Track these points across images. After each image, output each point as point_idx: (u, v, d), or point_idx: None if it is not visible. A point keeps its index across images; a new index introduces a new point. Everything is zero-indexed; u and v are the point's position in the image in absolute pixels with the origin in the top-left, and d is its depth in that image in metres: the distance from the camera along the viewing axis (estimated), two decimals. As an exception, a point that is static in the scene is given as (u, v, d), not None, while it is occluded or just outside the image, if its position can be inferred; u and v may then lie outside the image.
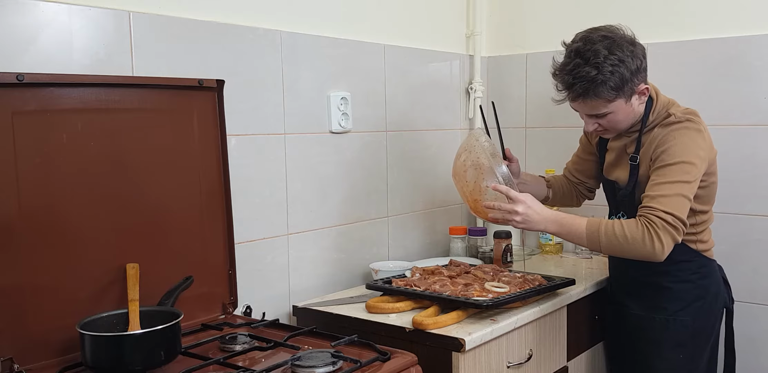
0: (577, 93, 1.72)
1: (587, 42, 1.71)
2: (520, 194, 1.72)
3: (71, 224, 1.39)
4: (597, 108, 1.75)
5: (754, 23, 2.16)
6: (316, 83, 1.99)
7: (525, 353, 1.79)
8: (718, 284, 1.90)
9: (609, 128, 1.82)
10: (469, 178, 1.83)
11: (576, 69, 1.70)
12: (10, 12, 1.35)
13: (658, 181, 1.69)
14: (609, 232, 1.65)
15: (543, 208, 1.73)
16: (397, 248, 2.33)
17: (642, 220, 1.64)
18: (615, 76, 1.68)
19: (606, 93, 1.70)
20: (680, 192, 1.65)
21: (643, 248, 1.62)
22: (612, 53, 1.68)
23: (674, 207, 1.63)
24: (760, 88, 2.16)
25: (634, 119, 1.81)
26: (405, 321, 1.66)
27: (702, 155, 1.71)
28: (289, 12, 1.91)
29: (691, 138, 1.71)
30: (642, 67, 1.74)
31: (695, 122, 1.74)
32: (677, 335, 1.84)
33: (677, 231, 1.63)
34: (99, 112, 1.43)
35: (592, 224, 1.68)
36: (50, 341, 1.37)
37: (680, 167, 1.68)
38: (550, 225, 1.72)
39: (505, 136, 1.97)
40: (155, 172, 1.53)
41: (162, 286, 1.49)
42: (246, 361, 1.41)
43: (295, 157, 1.94)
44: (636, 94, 1.75)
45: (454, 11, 2.59)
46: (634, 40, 1.75)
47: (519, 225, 1.72)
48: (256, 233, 1.84)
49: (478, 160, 1.81)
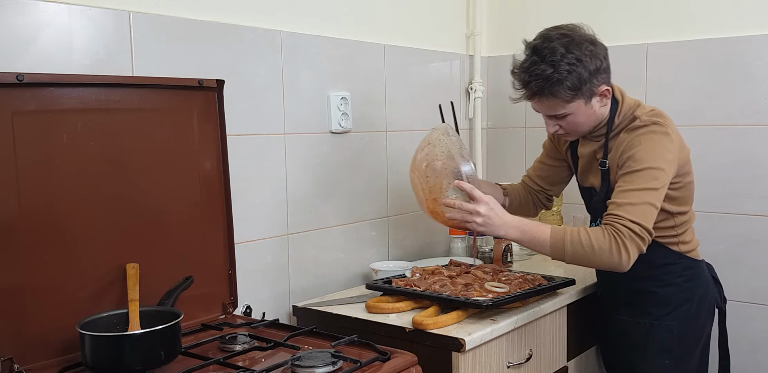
0: (532, 91, 1.69)
1: (545, 40, 1.68)
2: (484, 195, 1.64)
3: (71, 224, 1.39)
4: (555, 108, 1.70)
5: (754, 23, 2.16)
6: (316, 83, 1.99)
7: (525, 353, 1.79)
8: (707, 284, 1.87)
9: (570, 131, 1.77)
10: (430, 173, 1.71)
11: (532, 67, 1.66)
12: (10, 12, 1.35)
13: (625, 187, 1.63)
14: (575, 241, 1.58)
15: (505, 213, 1.66)
16: (397, 248, 2.33)
17: (609, 229, 1.57)
18: (572, 75, 1.63)
19: (563, 93, 1.65)
20: (647, 200, 1.60)
21: (610, 258, 1.56)
22: (569, 52, 1.64)
23: (641, 216, 1.58)
24: (760, 88, 2.16)
25: (597, 122, 1.76)
26: (405, 321, 1.66)
27: (670, 159, 1.66)
28: (289, 12, 1.92)
29: (658, 142, 1.66)
30: (602, 68, 1.69)
31: (661, 125, 1.68)
32: (663, 341, 1.82)
33: (643, 241, 1.58)
34: (99, 112, 1.43)
35: (556, 232, 1.61)
36: (50, 341, 1.37)
37: (647, 173, 1.62)
38: (511, 231, 1.63)
39: (505, 135, 1.97)
40: (155, 172, 1.53)
41: (162, 286, 1.49)
42: (246, 361, 1.41)
43: (295, 157, 1.94)
44: (596, 96, 1.70)
45: (454, 11, 2.59)
46: (594, 40, 1.70)
47: (478, 228, 1.63)
48: (256, 233, 1.84)
49: (442, 155, 1.70)
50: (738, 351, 2.23)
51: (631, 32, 2.36)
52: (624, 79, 2.35)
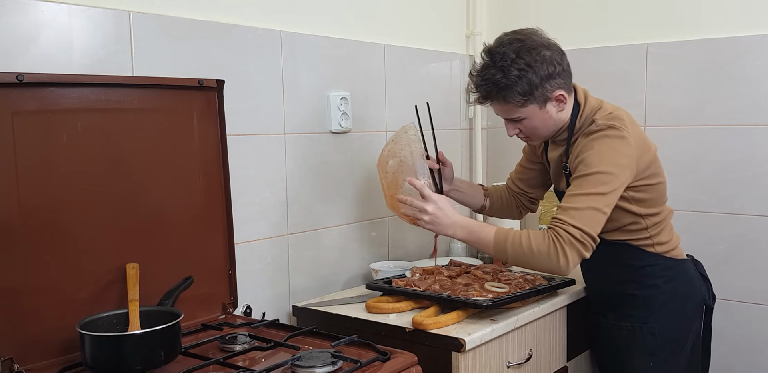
0: (482, 95, 1.70)
1: (499, 44, 1.68)
2: (434, 194, 1.68)
3: (71, 224, 1.39)
4: (509, 112, 1.72)
5: (754, 23, 2.16)
6: (316, 83, 1.99)
7: (525, 353, 1.79)
8: (690, 284, 1.85)
9: (529, 134, 1.77)
10: (389, 169, 1.79)
11: (483, 71, 1.68)
12: (10, 12, 1.35)
13: (573, 192, 1.62)
14: (516, 243, 1.59)
15: (455, 212, 1.68)
16: (397, 248, 2.33)
17: (550, 233, 1.57)
18: (522, 81, 1.63)
19: (513, 97, 1.66)
20: (593, 205, 1.58)
21: (548, 261, 1.57)
22: (520, 57, 1.64)
23: (584, 221, 1.56)
24: (760, 88, 2.16)
25: (556, 127, 1.75)
26: (405, 321, 1.66)
27: (624, 163, 1.63)
28: (289, 12, 1.91)
29: (611, 146, 1.64)
30: (555, 73, 1.67)
31: (617, 129, 1.65)
32: (646, 343, 1.80)
33: (584, 246, 1.57)
34: (99, 112, 1.43)
35: (500, 233, 1.62)
36: (50, 341, 1.37)
37: (596, 178, 1.60)
38: (458, 230, 1.65)
39: (505, 136, 1.97)
40: (155, 173, 1.53)
41: (162, 286, 1.49)
42: (246, 361, 1.41)
43: (295, 157, 1.94)
44: (552, 101, 1.69)
45: (454, 11, 2.59)
46: (550, 45, 1.69)
47: (426, 225, 1.67)
48: (256, 233, 1.84)
49: (401, 153, 1.77)
50: (737, 351, 2.23)
51: (631, 32, 2.36)
52: (624, 79, 2.37)
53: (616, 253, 1.81)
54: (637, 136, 1.70)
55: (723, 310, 2.17)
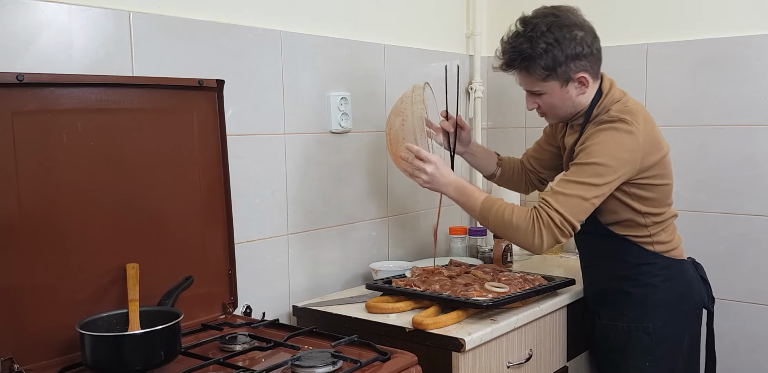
0: (506, 62, 1.72)
1: (534, 16, 1.70)
2: (432, 155, 1.74)
3: (71, 224, 1.39)
4: (530, 84, 1.73)
5: (754, 23, 2.16)
6: (316, 83, 1.99)
7: (525, 353, 1.79)
8: (688, 285, 1.83)
9: (547, 111, 1.78)
10: (393, 126, 1.85)
11: (513, 38, 1.70)
12: (10, 12, 1.35)
13: (566, 177, 1.65)
14: (499, 213, 1.64)
15: (451, 173, 1.75)
16: (397, 248, 2.33)
17: (533, 212, 1.61)
18: (548, 55, 1.65)
19: (536, 70, 1.67)
20: (582, 194, 1.60)
21: (524, 238, 1.62)
22: (550, 31, 1.65)
23: (568, 209, 1.59)
24: (760, 88, 2.16)
25: (575, 109, 1.75)
26: (405, 321, 1.66)
27: (625, 158, 1.63)
28: (289, 12, 1.91)
29: (616, 139, 1.64)
30: (582, 54, 1.67)
31: (627, 123, 1.65)
32: (641, 343, 1.79)
33: (561, 233, 1.59)
34: (99, 112, 1.43)
35: (488, 200, 1.68)
36: (50, 341, 1.37)
37: (592, 168, 1.62)
38: (451, 190, 1.73)
39: (505, 136, 1.97)
40: (155, 173, 1.53)
41: (162, 286, 1.49)
42: (246, 361, 1.41)
43: (295, 157, 1.94)
44: (573, 82, 1.70)
45: (454, 11, 2.59)
46: (584, 26, 1.69)
47: (424, 185, 1.75)
48: (256, 233, 1.84)
49: (404, 112, 1.82)
50: (737, 351, 2.23)
51: (631, 32, 2.36)
52: (624, 79, 2.35)
53: (615, 247, 1.80)
54: (648, 134, 1.69)
55: (723, 310, 2.17)
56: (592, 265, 1.91)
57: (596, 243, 1.63)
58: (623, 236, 1.78)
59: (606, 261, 1.84)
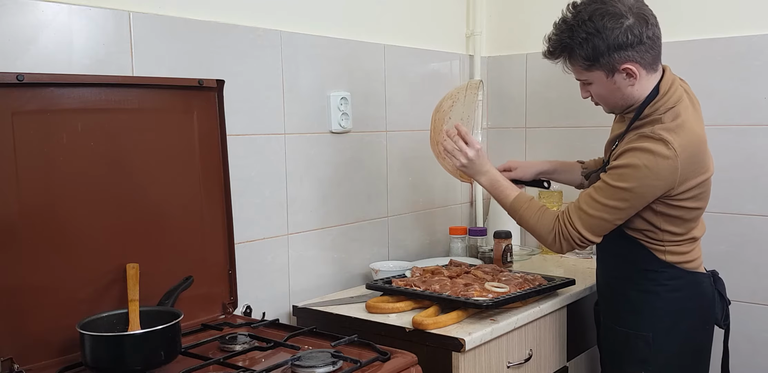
0: (549, 50, 1.69)
1: (582, 2, 1.63)
2: (477, 142, 1.76)
3: (71, 224, 1.39)
4: (577, 73, 1.69)
5: (754, 23, 2.16)
6: (316, 83, 1.99)
7: (525, 353, 1.79)
8: (700, 299, 1.73)
9: (599, 101, 1.72)
10: (444, 106, 1.87)
11: (559, 25, 1.66)
12: (10, 12, 1.35)
13: (593, 195, 1.63)
14: (525, 217, 1.72)
15: (490, 165, 1.78)
16: (397, 248, 2.33)
17: (557, 224, 1.67)
18: (587, 45, 1.58)
19: (578, 60, 1.63)
20: (605, 217, 1.62)
21: (545, 241, 1.71)
22: (591, 20, 1.58)
23: (589, 228, 1.64)
24: (760, 88, 2.16)
25: (625, 100, 1.67)
26: (405, 321, 1.66)
27: (657, 185, 1.57)
28: (289, 12, 1.91)
29: (650, 166, 1.56)
30: (628, 44, 1.57)
31: (668, 146, 1.55)
32: (638, 351, 1.72)
33: (580, 246, 1.69)
34: (99, 112, 1.43)
35: (522, 197, 1.74)
36: (50, 341, 1.37)
37: (619, 193, 1.59)
38: (485, 180, 1.78)
39: (505, 136, 1.96)
40: (155, 172, 1.53)
41: (162, 286, 1.49)
42: (246, 361, 1.41)
43: (295, 157, 1.94)
44: (620, 72, 1.61)
45: (454, 11, 2.59)
46: (633, 13, 1.58)
47: (460, 167, 1.77)
48: (256, 233, 1.84)
49: (458, 96, 1.85)
50: (738, 351, 2.23)
51: (631, 32, 2.36)
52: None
53: (625, 247, 1.73)
54: (691, 156, 1.60)
55: (723, 310, 2.17)
56: (601, 259, 1.87)
57: (608, 239, 1.62)
58: (635, 239, 1.71)
59: (614, 259, 1.79)
